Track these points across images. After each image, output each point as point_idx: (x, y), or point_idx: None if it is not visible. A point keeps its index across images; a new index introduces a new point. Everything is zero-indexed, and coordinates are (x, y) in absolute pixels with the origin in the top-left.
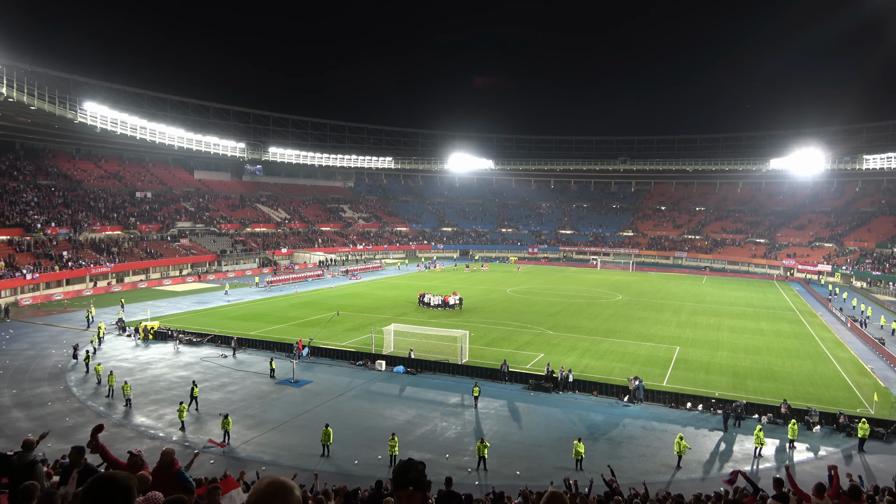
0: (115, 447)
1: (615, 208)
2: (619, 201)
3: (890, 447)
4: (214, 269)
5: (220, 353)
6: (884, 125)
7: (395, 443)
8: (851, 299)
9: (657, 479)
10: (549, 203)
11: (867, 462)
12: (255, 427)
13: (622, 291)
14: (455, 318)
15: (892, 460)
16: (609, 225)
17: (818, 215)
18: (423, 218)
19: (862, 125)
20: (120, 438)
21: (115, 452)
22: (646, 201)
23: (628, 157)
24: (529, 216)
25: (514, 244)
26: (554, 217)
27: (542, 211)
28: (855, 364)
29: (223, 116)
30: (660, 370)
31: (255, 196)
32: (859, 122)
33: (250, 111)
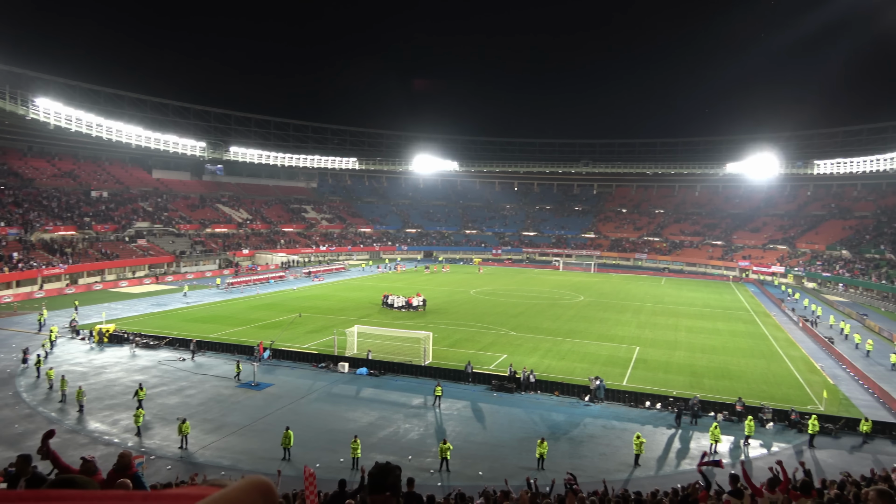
0: (68, 454)
1: (577, 210)
2: (581, 203)
3: (838, 442)
4: (173, 271)
5: (179, 356)
6: (834, 132)
7: (357, 445)
8: (803, 300)
9: (617, 478)
10: (513, 205)
11: (817, 457)
12: (214, 431)
13: (584, 292)
14: (419, 320)
15: (839, 455)
16: (571, 227)
17: (772, 218)
18: (387, 219)
19: (813, 131)
20: (73, 445)
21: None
22: (607, 204)
23: (590, 160)
24: (493, 218)
25: (478, 245)
26: (517, 219)
27: (506, 213)
28: (806, 362)
29: (183, 115)
30: (620, 370)
31: (215, 196)
32: (811, 128)
33: (211, 110)
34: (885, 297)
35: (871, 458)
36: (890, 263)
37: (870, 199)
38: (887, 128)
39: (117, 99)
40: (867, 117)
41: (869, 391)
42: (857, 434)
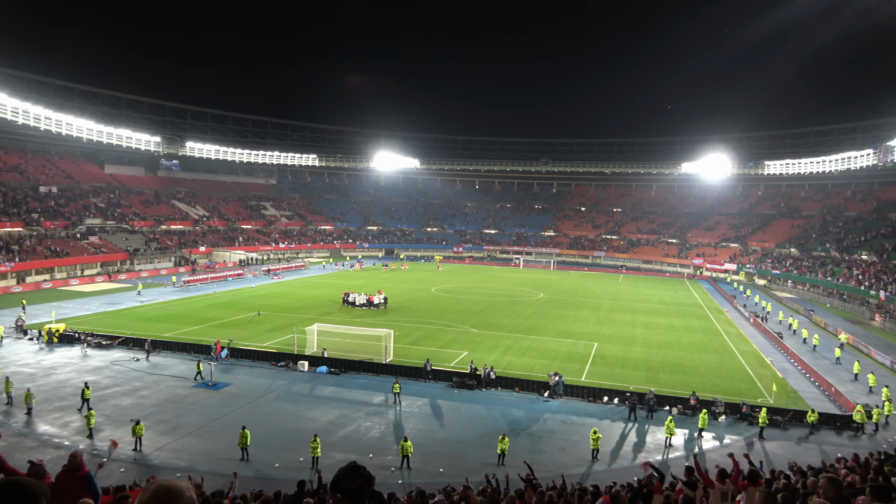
0: (16, 458)
1: (537, 209)
2: (541, 202)
3: (786, 434)
4: (126, 269)
5: (133, 356)
6: (783, 133)
7: (317, 444)
8: (754, 296)
9: (575, 472)
10: (474, 203)
11: (766, 448)
12: (169, 433)
13: (543, 290)
14: (380, 318)
15: (788, 446)
16: (531, 225)
17: (725, 217)
18: (348, 216)
19: (764, 133)
20: (21, 448)
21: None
22: (566, 202)
23: (550, 159)
24: (454, 216)
25: (439, 243)
26: (478, 217)
27: (467, 211)
28: (756, 357)
29: (137, 108)
30: (579, 366)
31: (171, 192)
32: (762, 129)
33: (166, 104)
34: (830, 293)
35: (817, 448)
36: (835, 261)
37: (816, 199)
38: (832, 130)
39: (67, 91)
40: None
41: (815, 384)
42: (805, 425)
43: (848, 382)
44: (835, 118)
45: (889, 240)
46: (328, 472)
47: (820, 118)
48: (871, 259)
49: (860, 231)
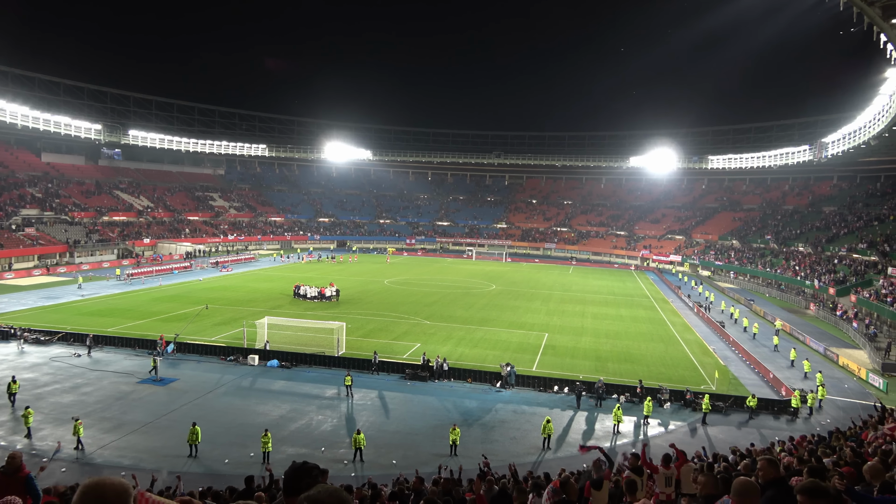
0: None
1: (490, 201)
2: (493, 194)
3: (728, 419)
4: (66, 262)
5: (73, 352)
6: (725, 129)
7: (268, 439)
8: (698, 287)
9: (526, 461)
10: (427, 195)
11: (709, 433)
12: (113, 430)
13: (496, 281)
14: (332, 310)
15: (729, 431)
16: (484, 217)
17: (671, 210)
18: (299, 208)
19: (707, 129)
20: None
21: None
22: (518, 195)
23: (502, 152)
24: (407, 207)
25: (392, 235)
26: (431, 209)
27: (420, 203)
28: (700, 345)
29: (76, 95)
30: (530, 356)
31: (113, 182)
32: (706, 125)
33: (108, 90)
34: (769, 283)
35: (756, 432)
36: (773, 252)
37: (756, 193)
38: (772, 127)
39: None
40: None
41: (755, 371)
42: (745, 410)
43: (785, 369)
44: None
45: (823, 232)
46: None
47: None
48: (806, 250)
49: (797, 224)
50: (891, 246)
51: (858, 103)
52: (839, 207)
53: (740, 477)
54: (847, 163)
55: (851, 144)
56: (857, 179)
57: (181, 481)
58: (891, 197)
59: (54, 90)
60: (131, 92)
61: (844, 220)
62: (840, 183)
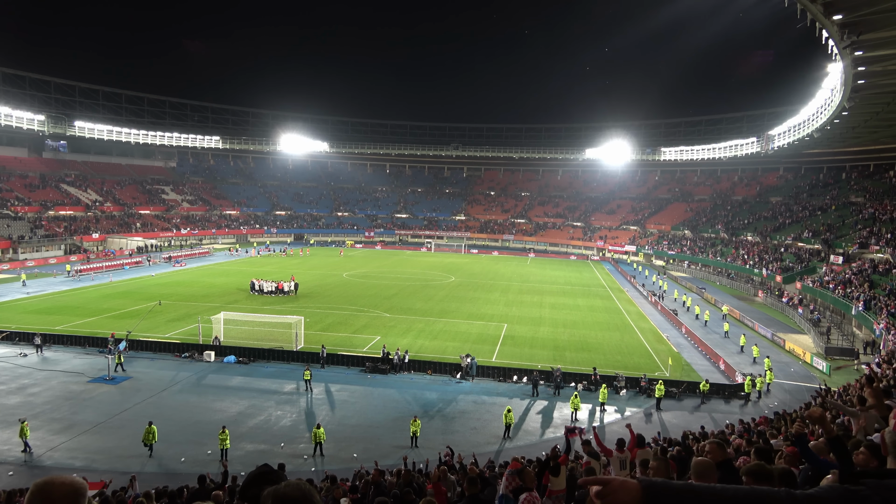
0: None
1: (448, 193)
2: (451, 186)
3: (681, 404)
4: (9, 258)
5: (19, 351)
6: (677, 122)
7: (225, 436)
8: (652, 276)
9: (487, 450)
10: (385, 187)
11: (663, 418)
12: (63, 431)
13: (455, 273)
14: (290, 304)
15: (682, 416)
16: (442, 209)
17: (625, 201)
18: (254, 201)
19: (660, 121)
20: None
21: None
22: (476, 186)
23: (460, 144)
24: (366, 200)
25: (350, 228)
26: (390, 201)
27: (378, 195)
28: (654, 333)
29: (17, 84)
30: (490, 347)
31: (59, 175)
32: (658, 118)
33: (52, 80)
34: (719, 272)
35: (708, 416)
36: (723, 242)
37: (707, 184)
38: (721, 119)
39: None
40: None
41: (706, 357)
42: (697, 395)
43: (735, 354)
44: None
45: (770, 222)
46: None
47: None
48: (755, 240)
49: (746, 214)
50: (833, 235)
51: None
52: (785, 198)
53: (697, 458)
54: (792, 155)
55: (796, 137)
56: (802, 171)
57: (136, 482)
58: (832, 187)
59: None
60: (77, 82)
61: (790, 210)
62: (786, 174)
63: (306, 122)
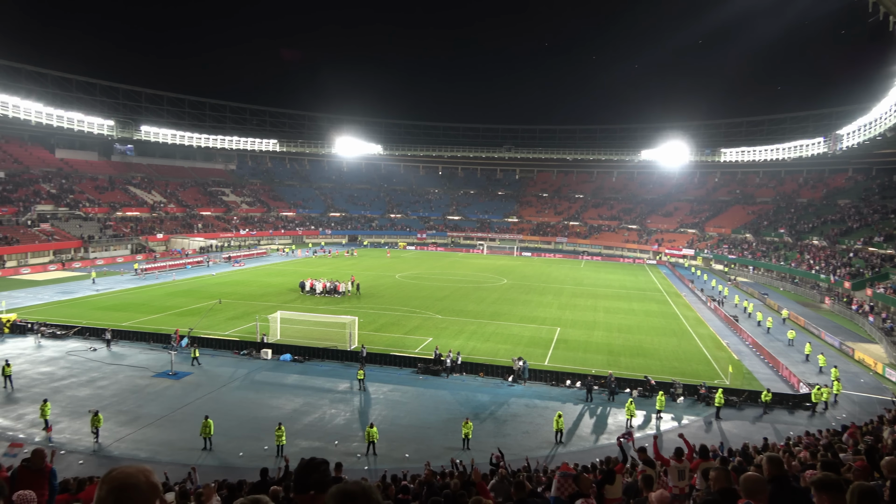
0: None
1: (500, 195)
2: (504, 188)
3: (742, 414)
4: (81, 257)
5: (90, 346)
6: (739, 121)
7: (281, 432)
8: (711, 281)
9: (539, 454)
10: (438, 189)
11: (723, 428)
12: (129, 423)
13: (507, 275)
14: (343, 305)
15: (743, 426)
16: (494, 211)
17: (683, 203)
18: (309, 203)
19: (721, 121)
20: None
21: None
22: (529, 188)
23: (513, 146)
24: (418, 202)
25: (402, 230)
26: (442, 203)
27: (431, 197)
28: (713, 339)
29: (88, 91)
30: (542, 350)
31: (126, 178)
32: (719, 118)
33: (120, 86)
34: (783, 277)
35: (770, 427)
36: (787, 246)
37: (770, 186)
38: (785, 119)
39: (13, 72)
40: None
41: (769, 365)
42: (759, 405)
43: (800, 363)
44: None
45: (838, 225)
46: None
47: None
48: (821, 244)
49: (811, 217)
50: None
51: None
52: (854, 200)
53: (747, 473)
54: (862, 155)
55: (867, 136)
56: (873, 172)
57: (196, 472)
58: None
59: (66, 86)
60: (143, 88)
61: (860, 213)
62: (855, 175)
63: (360, 124)
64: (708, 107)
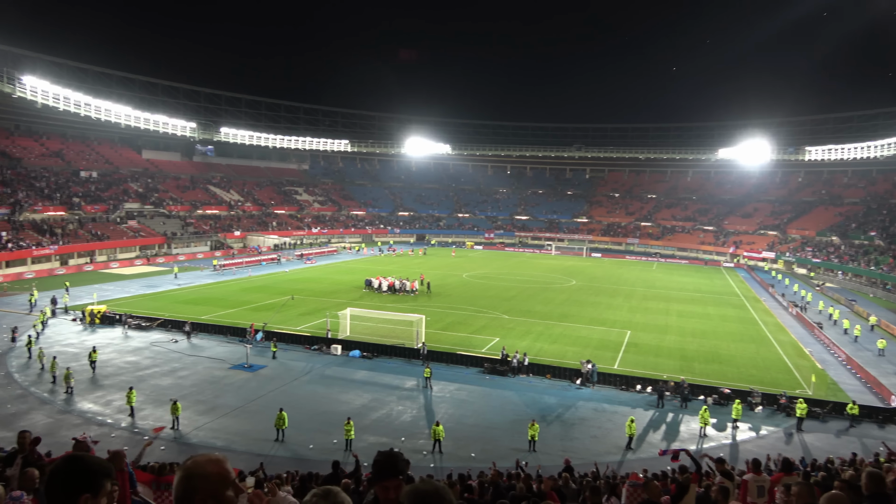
0: (61, 434)
1: (570, 195)
2: (573, 188)
3: (826, 426)
4: (164, 252)
5: (171, 337)
6: (824, 118)
7: (350, 427)
8: (793, 285)
9: (608, 460)
10: (506, 189)
11: (805, 441)
12: (207, 413)
13: (576, 277)
14: (410, 303)
15: (827, 438)
16: (564, 211)
17: (763, 204)
18: (379, 202)
19: (805, 118)
20: (66, 425)
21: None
22: (599, 188)
23: (583, 145)
24: (486, 201)
25: (470, 229)
26: (510, 203)
27: (499, 197)
28: (795, 347)
29: (172, 94)
30: (611, 354)
31: (206, 177)
32: (803, 114)
33: (201, 90)
34: (873, 283)
35: (857, 441)
36: (879, 250)
37: (860, 186)
38: (878, 115)
39: (105, 77)
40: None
41: (857, 376)
42: (845, 418)
43: (891, 374)
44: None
45: None
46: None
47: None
48: None
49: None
50: None
51: None
52: None
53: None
54: None
55: None
56: None
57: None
58: None
59: (153, 90)
60: (223, 91)
61: None
62: None
63: (429, 124)
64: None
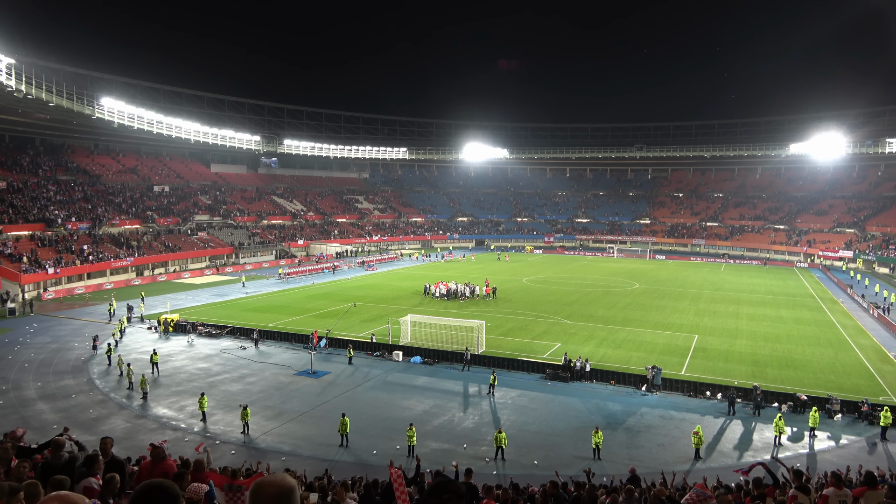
0: (137, 438)
1: (631, 196)
2: (635, 189)
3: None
4: (232, 262)
5: (240, 344)
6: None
7: (412, 433)
8: (874, 285)
9: (676, 469)
10: (565, 191)
11: (890, 451)
12: (274, 418)
13: (639, 280)
14: (470, 308)
15: None
16: (625, 213)
17: (839, 200)
18: (437, 208)
19: (884, 108)
20: (142, 430)
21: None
22: (663, 188)
23: (644, 144)
24: (545, 205)
25: (530, 233)
26: (569, 205)
27: (558, 199)
28: (877, 351)
29: (238, 109)
30: (678, 359)
31: (270, 188)
32: (881, 104)
33: (265, 104)
34: None
35: None
36: None
37: None
38: None
39: (175, 96)
40: None
41: None
42: None
43: None
44: None
45: None
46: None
47: None
48: None
49: None
50: None
51: None
52: None
53: None
54: None
55: None
56: None
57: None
58: None
59: (220, 106)
60: (285, 104)
61: None
62: None
63: (486, 129)
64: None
